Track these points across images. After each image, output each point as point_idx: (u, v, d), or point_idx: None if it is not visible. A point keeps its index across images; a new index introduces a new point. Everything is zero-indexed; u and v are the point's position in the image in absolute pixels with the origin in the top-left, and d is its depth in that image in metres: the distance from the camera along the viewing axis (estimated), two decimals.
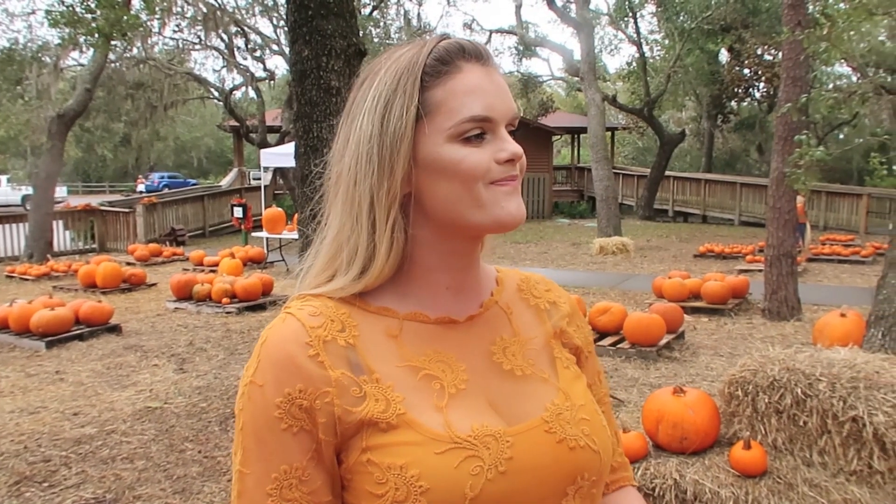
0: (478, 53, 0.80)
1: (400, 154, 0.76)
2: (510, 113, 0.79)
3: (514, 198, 0.78)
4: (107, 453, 4.10)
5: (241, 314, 8.23)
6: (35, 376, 5.76)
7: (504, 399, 0.79)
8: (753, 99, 26.02)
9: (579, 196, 26.43)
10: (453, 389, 0.77)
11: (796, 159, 5.68)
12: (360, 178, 0.78)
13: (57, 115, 14.36)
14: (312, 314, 0.77)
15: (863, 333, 4.61)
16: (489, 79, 0.79)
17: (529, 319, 0.89)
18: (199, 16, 18.55)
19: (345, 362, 0.75)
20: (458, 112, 0.76)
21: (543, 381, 0.83)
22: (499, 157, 0.77)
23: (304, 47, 4.80)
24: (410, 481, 0.70)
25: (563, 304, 0.93)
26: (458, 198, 0.77)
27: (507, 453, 0.74)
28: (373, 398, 0.74)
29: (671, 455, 3.17)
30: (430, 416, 0.74)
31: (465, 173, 0.76)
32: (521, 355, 0.84)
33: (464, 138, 0.76)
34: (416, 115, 0.76)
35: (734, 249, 13.59)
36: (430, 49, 0.78)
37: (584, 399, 0.83)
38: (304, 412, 0.73)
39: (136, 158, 35.00)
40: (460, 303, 0.83)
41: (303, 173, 4.93)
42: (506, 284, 0.91)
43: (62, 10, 11.28)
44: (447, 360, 0.79)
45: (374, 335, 0.78)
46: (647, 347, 5.99)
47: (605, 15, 23.59)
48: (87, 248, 16.20)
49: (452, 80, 0.77)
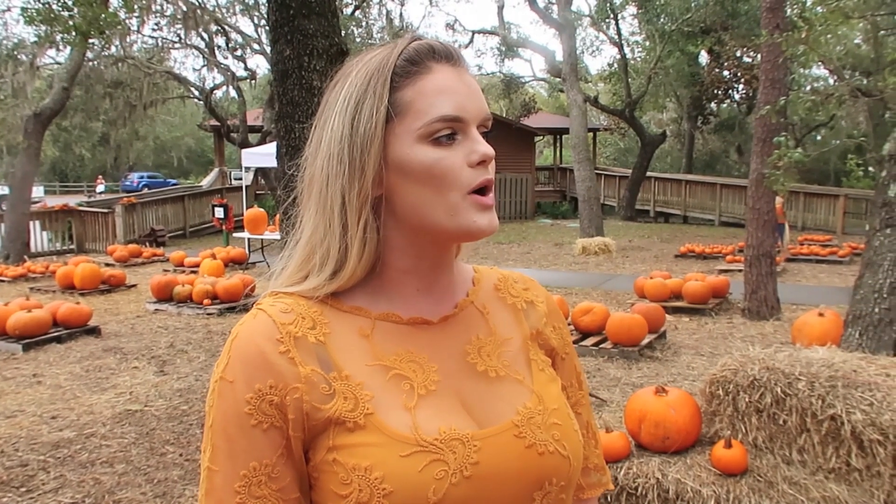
0: (448, 54, 0.79)
1: (370, 155, 0.76)
2: (482, 114, 0.78)
3: (488, 213, 0.77)
4: (86, 457, 4.05)
5: (222, 315, 8.16)
6: (12, 379, 5.67)
7: (476, 400, 0.79)
8: (733, 101, 26.30)
9: (561, 197, 26.55)
10: (423, 390, 0.77)
11: (775, 161, 5.75)
12: (331, 180, 0.78)
13: (33, 114, 14.15)
14: (284, 311, 0.77)
15: (840, 333, 4.68)
16: (460, 79, 0.78)
17: (507, 319, 0.88)
18: (178, 14, 18.37)
19: (315, 359, 0.75)
20: (428, 112, 0.75)
21: (517, 383, 0.82)
22: (470, 159, 0.76)
23: (286, 47, 4.78)
24: (374, 483, 0.70)
25: (541, 304, 0.92)
26: (429, 202, 0.76)
27: (474, 458, 0.73)
28: (342, 396, 0.74)
29: (653, 454, 3.19)
30: (398, 416, 0.74)
31: (437, 177, 0.75)
32: (495, 356, 0.83)
33: (434, 139, 0.75)
34: (385, 116, 0.76)
35: (714, 250, 13.73)
36: (400, 50, 0.78)
37: (557, 403, 0.82)
38: (274, 408, 0.73)
39: (114, 158, 34.64)
40: (433, 304, 0.83)
41: (285, 173, 4.90)
42: (482, 284, 0.90)
43: (38, 7, 11.11)
44: (419, 361, 0.79)
45: (346, 334, 0.78)
46: (629, 347, 6.03)
47: (586, 16, 23.69)
48: (65, 249, 15.97)
49: (422, 81, 0.77)
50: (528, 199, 24.19)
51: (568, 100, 17.23)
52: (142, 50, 21.56)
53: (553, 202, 26.06)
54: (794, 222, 18.24)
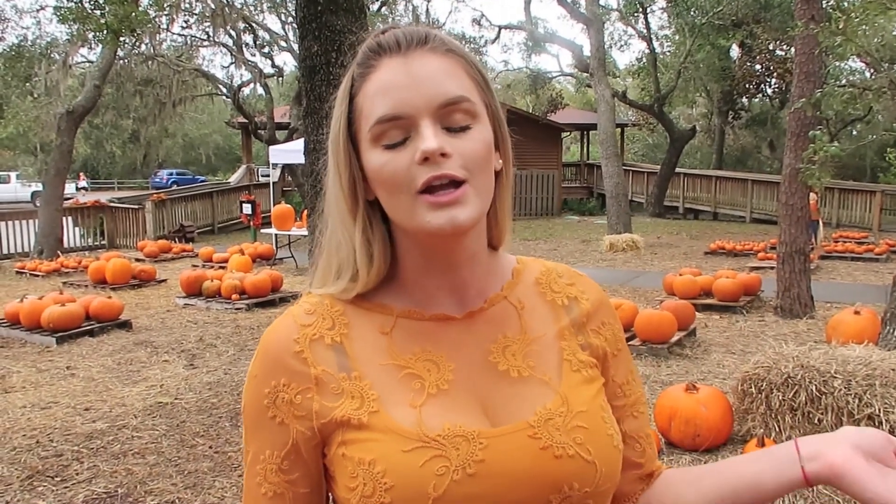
0: (394, 44, 0.75)
1: (345, 162, 0.77)
2: (435, 101, 0.72)
3: (444, 211, 0.71)
4: (118, 448, 4.11)
5: (250, 310, 8.24)
6: (46, 372, 5.79)
7: (494, 400, 0.77)
8: (765, 95, 25.85)
9: (589, 193, 26.34)
10: (434, 389, 0.76)
11: (810, 155, 5.62)
12: (331, 184, 0.80)
13: (66, 112, 14.41)
14: (307, 312, 0.80)
15: (877, 331, 4.56)
16: (404, 70, 0.73)
17: (543, 316, 0.84)
18: (207, 12, 18.58)
19: (328, 360, 0.77)
20: (371, 115, 0.74)
21: (542, 384, 0.79)
22: (415, 157, 0.71)
23: (314, 43, 4.79)
24: (377, 477, 0.71)
25: (585, 301, 0.87)
26: (390, 205, 0.76)
27: (479, 455, 0.72)
28: (349, 395, 0.76)
29: (684, 452, 3.14)
30: (404, 413, 0.74)
31: (386, 182, 0.74)
32: (521, 355, 0.80)
33: (385, 143, 0.73)
34: (347, 123, 0.77)
35: (745, 246, 13.50)
36: (360, 51, 0.78)
37: (586, 405, 0.78)
38: (286, 405, 0.77)
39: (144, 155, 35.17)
40: (458, 299, 0.81)
41: (312, 170, 4.92)
42: (523, 277, 0.86)
43: (71, 6, 11.33)
44: (435, 359, 0.78)
45: (366, 332, 0.79)
46: (658, 345, 5.95)
47: (614, 10, 23.44)
48: (97, 245, 16.28)
49: (367, 83, 0.76)
50: (555, 196, 24.03)
51: (595, 95, 17.08)
52: (171, 48, 21.84)
53: (580, 199, 25.86)
54: (829, 219, 17.88)
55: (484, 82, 0.79)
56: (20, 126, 21.08)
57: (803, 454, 0.72)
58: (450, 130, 0.73)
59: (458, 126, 0.74)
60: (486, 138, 0.75)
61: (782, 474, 0.73)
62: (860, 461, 0.69)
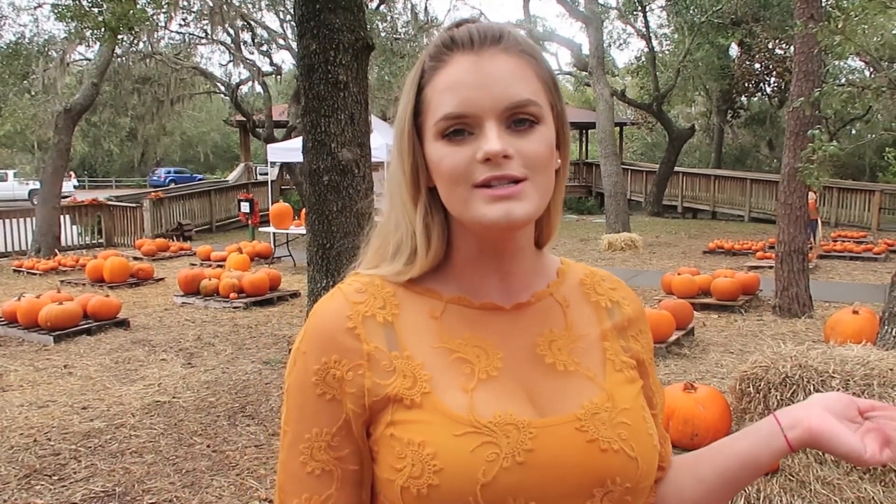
0: (467, 41, 0.76)
1: (409, 151, 0.79)
2: (502, 103, 0.74)
3: (499, 204, 0.73)
4: (116, 447, 4.11)
5: (248, 309, 8.23)
6: (44, 370, 5.78)
7: (541, 391, 0.78)
8: (764, 94, 25.87)
9: (587, 192, 26.34)
10: (484, 375, 0.77)
11: (809, 154, 5.62)
12: (394, 170, 0.82)
13: (63, 110, 14.38)
14: (359, 290, 0.81)
15: (876, 331, 4.56)
16: (475, 69, 0.75)
17: (588, 316, 0.87)
18: (205, 10, 18.54)
19: (380, 338, 0.78)
20: (437, 110, 0.76)
21: (587, 380, 0.80)
22: (477, 156, 0.74)
23: (312, 41, 4.78)
24: (426, 459, 0.72)
25: (627, 307, 0.91)
26: (447, 195, 0.78)
27: (528, 444, 0.73)
28: (401, 374, 0.76)
29: (681, 452, 3.14)
30: (455, 397, 0.75)
31: (445, 174, 0.76)
32: (567, 351, 0.82)
33: (447, 137, 0.76)
34: (413, 113, 0.79)
35: (744, 246, 13.51)
36: (432, 43, 0.79)
37: (629, 403, 0.80)
38: (337, 381, 0.77)
39: (142, 153, 35.14)
40: (506, 290, 0.83)
41: (310, 168, 4.91)
42: (567, 277, 0.89)
43: (69, 3, 11.30)
44: (484, 346, 0.79)
45: (416, 315, 0.80)
46: (656, 344, 5.94)
47: (613, 9, 23.41)
48: (95, 243, 16.24)
49: (437, 76, 0.77)
50: None
51: (594, 94, 17.07)
52: (169, 46, 21.76)
53: (579, 197, 25.85)
54: (828, 218, 17.88)
55: (553, 83, 0.81)
56: (17, 124, 20.99)
57: (784, 424, 0.81)
58: (514, 130, 0.75)
59: (523, 126, 0.76)
60: (548, 139, 0.77)
61: (769, 446, 0.81)
62: (833, 421, 0.78)
